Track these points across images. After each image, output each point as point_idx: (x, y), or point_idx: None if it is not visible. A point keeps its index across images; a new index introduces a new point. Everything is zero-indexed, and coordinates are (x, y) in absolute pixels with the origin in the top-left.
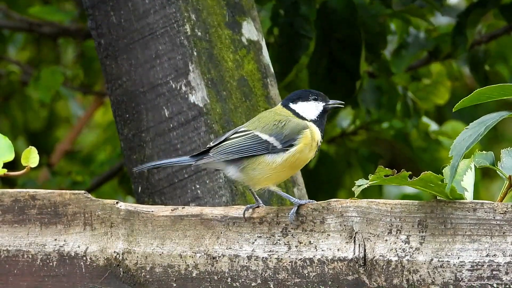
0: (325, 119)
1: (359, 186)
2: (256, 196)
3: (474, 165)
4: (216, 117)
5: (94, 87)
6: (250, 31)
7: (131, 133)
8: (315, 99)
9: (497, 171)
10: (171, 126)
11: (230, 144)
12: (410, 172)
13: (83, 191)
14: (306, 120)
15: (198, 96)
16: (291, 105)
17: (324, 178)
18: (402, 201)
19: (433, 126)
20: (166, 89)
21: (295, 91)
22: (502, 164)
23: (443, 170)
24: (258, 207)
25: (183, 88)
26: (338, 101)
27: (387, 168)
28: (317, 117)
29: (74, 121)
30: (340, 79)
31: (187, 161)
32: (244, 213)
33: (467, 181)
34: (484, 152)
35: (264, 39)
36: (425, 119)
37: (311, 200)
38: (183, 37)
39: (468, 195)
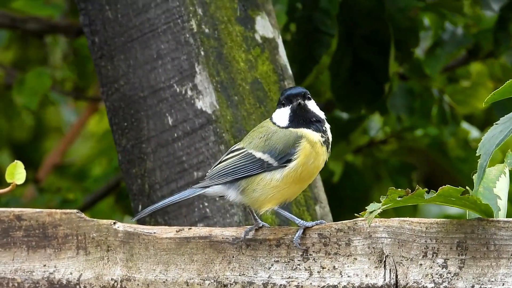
0: (304, 115)
1: (371, 212)
2: (256, 216)
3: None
4: (226, 125)
5: (88, 91)
6: (264, 27)
7: (130, 144)
8: (283, 105)
9: None
10: (175, 135)
11: (224, 166)
12: (426, 189)
13: (75, 210)
14: (280, 127)
15: (206, 102)
16: (273, 115)
17: (349, 193)
18: (438, 220)
19: (474, 133)
20: (169, 94)
21: None
22: None
23: (473, 177)
24: (261, 227)
25: (189, 92)
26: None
27: (399, 189)
28: (289, 121)
29: (66, 129)
30: (365, 81)
31: (190, 194)
32: (244, 237)
33: (501, 187)
34: None
35: (280, 37)
36: (464, 126)
37: (321, 221)
38: (188, 34)
39: (502, 203)
